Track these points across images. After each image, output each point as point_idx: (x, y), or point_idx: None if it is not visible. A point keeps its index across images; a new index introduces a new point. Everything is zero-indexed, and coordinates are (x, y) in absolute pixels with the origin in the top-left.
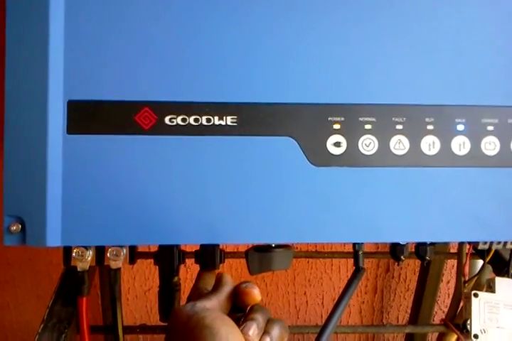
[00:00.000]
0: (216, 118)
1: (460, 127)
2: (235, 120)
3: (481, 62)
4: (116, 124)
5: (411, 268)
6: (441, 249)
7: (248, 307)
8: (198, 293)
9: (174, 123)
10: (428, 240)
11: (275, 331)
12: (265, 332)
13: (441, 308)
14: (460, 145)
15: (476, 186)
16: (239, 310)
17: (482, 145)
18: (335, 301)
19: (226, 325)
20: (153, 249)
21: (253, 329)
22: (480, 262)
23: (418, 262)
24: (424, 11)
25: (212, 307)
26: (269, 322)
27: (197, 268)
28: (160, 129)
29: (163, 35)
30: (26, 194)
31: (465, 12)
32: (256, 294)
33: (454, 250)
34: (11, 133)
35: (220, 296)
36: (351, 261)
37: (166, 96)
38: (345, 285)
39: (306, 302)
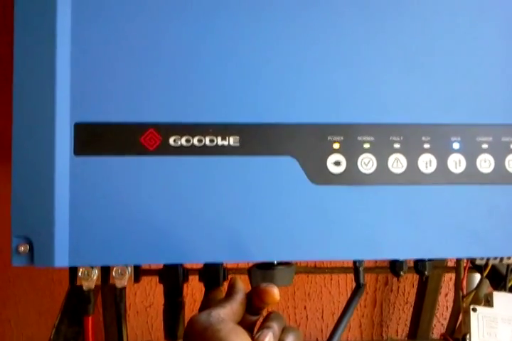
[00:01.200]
0: (219, 138)
1: (456, 145)
2: (237, 140)
3: (475, 82)
4: (122, 146)
5: (409, 281)
6: (439, 264)
7: (265, 314)
8: (210, 303)
9: (178, 144)
10: (426, 257)
11: (290, 339)
12: (279, 340)
13: (439, 321)
14: (456, 163)
15: (472, 203)
16: (253, 313)
17: (477, 163)
18: (334, 315)
19: (240, 339)
20: (154, 266)
21: (269, 338)
22: (478, 276)
23: (416, 275)
24: (419, 32)
25: (227, 317)
26: (284, 331)
27: (198, 284)
28: (164, 150)
29: (167, 58)
30: (34, 215)
31: (458, 33)
32: (276, 293)
33: (451, 263)
34: (19, 155)
35: (233, 303)
36: (350, 275)
37: (170, 118)
38: (345, 299)
39: (306, 316)
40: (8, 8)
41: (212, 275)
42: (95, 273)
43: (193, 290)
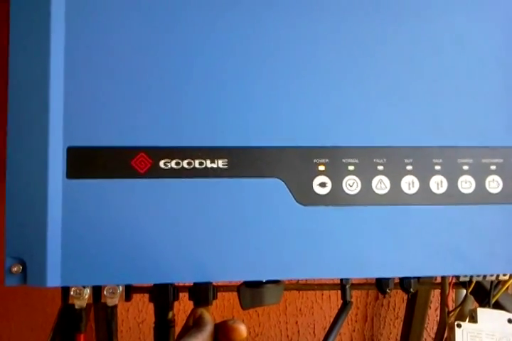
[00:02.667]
0: (208, 161)
1: (437, 167)
2: (225, 163)
3: (456, 106)
4: (114, 169)
5: (400, 296)
6: (426, 280)
7: None
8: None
9: (168, 167)
10: (411, 275)
11: None
12: None
13: (430, 335)
14: (438, 184)
15: (454, 222)
16: None
17: (459, 184)
18: (326, 330)
19: None
20: (146, 284)
21: None
22: (464, 291)
23: None
24: (402, 57)
25: None
26: None
27: (189, 301)
28: (155, 173)
29: (157, 85)
30: (27, 236)
31: (439, 58)
32: (243, 330)
33: (439, 279)
34: (13, 178)
35: (204, 334)
36: None
37: (160, 142)
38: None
39: (298, 331)
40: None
41: (202, 293)
42: (87, 292)
43: (185, 307)
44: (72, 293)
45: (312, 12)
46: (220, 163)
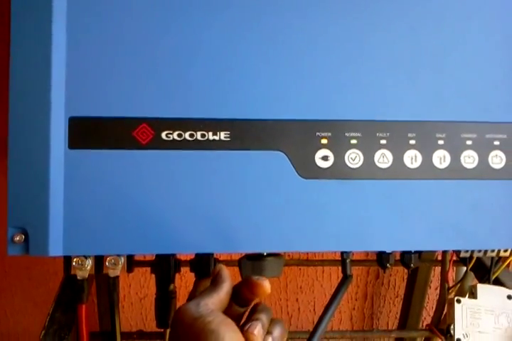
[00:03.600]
0: (210, 133)
1: (440, 142)
2: (228, 135)
3: (460, 80)
4: (116, 139)
5: (400, 275)
6: (427, 257)
7: (253, 306)
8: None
9: (170, 139)
10: (412, 249)
11: (277, 331)
12: (268, 332)
13: (430, 314)
14: (441, 158)
15: (456, 197)
16: (241, 304)
17: (461, 159)
18: None
19: (230, 331)
20: (149, 257)
21: (258, 330)
22: (464, 269)
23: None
24: (406, 32)
25: (215, 306)
26: (271, 323)
27: (191, 275)
28: (157, 144)
29: (161, 56)
30: (29, 206)
31: (443, 32)
32: (267, 286)
33: (440, 257)
34: (15, 148)
35: (220, 292)
36: None
37: (162, 113)
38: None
39: (298, 308)
40: (5, 7)
41: (203, 265)
42: (89, 263)
43: (187, 283)
44: (74, 263)
45: None
46: (223, 135)
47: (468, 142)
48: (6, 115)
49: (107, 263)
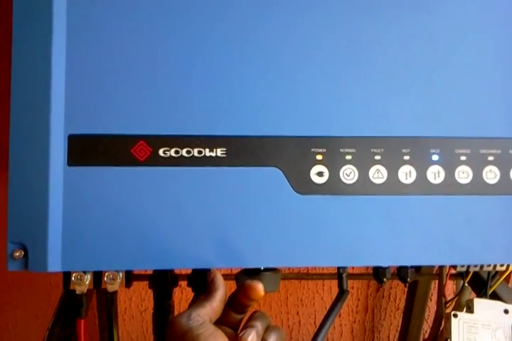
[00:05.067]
0: (207, 150)
1: (435, 157)
2: (224, 152)
3: (453, 96)
4: (114, 157)
5: (400, 287)
6: (426, 271)
7: (251, 313)
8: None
9: (168, 155)
10: (407, 264)
11: (272, 338)
12: (263, 339)
13: (430, 327)
14: (435, 174)
15: (451, 212)
16: (238, 311)
17: (456, 174)
18: None
19: None
20: (149, 271)
21: (251, 337)
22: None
23: None
24: (400, 48)
25: (207, 317)
26: (267, 330)
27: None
28: (154, 161)
29: (158, 73)
30: (29, 222)
31: (438, 47)
32: (260, 288)
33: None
34: (16, 164)
35: (213, 301)
36: None
37: (160, 130)
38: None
39: (299, 322)
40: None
41: (201, 280)
42: (88, 278)
43: (187, 296)
44: (73, 278)
45: (311, 4)
46: (219, 152)
47: (463, 157)
48: (7, 131)
49: (105, 279)
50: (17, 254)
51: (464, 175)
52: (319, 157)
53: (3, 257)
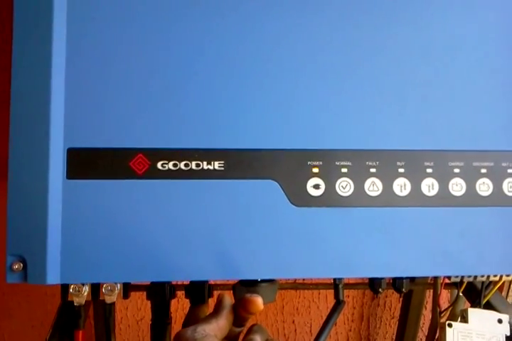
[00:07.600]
0: (205, 163)
1: (429, 170)
2: (222, 165)
3: (447, 110)
4: (113, 170)
5: (396, 296)
6: (421, 280)
7: (249, 327)
8: (193, 319)
9: (166, 168)
10: (402, 275)
11: None
12: None
13: (426, 335)
14: (429, 186)
15: (444, 224)
16: (237, 324)
17: (450, 187)
18: None
19: None
20: (145, 282)
21: None
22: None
23: None
24: (395, 62)
25: (212, 332)
26: None
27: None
28: (153, 174)
29: (156, 88)
30: (28, 235)
31: (431, 61)
32: (260, 302)
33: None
34: (15, 178)
35: (219, 319)
36: None
37: (158, 144)
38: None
39: (295, 330)
40: (7, 34)
41: (198, 291)
42: (86, 290)
43: (184, 305)
44: (71, 290)
45: (309, 16)
46: (217, 165)
47: (456, 170)
48: (6, 144)
49: (103, 290)
50: (16, 267)
51: (457, 187)
52: (315, 170)
53: (1, 268)
